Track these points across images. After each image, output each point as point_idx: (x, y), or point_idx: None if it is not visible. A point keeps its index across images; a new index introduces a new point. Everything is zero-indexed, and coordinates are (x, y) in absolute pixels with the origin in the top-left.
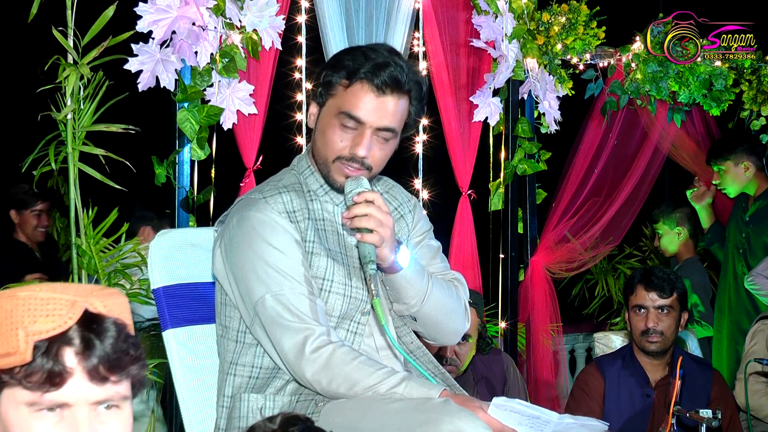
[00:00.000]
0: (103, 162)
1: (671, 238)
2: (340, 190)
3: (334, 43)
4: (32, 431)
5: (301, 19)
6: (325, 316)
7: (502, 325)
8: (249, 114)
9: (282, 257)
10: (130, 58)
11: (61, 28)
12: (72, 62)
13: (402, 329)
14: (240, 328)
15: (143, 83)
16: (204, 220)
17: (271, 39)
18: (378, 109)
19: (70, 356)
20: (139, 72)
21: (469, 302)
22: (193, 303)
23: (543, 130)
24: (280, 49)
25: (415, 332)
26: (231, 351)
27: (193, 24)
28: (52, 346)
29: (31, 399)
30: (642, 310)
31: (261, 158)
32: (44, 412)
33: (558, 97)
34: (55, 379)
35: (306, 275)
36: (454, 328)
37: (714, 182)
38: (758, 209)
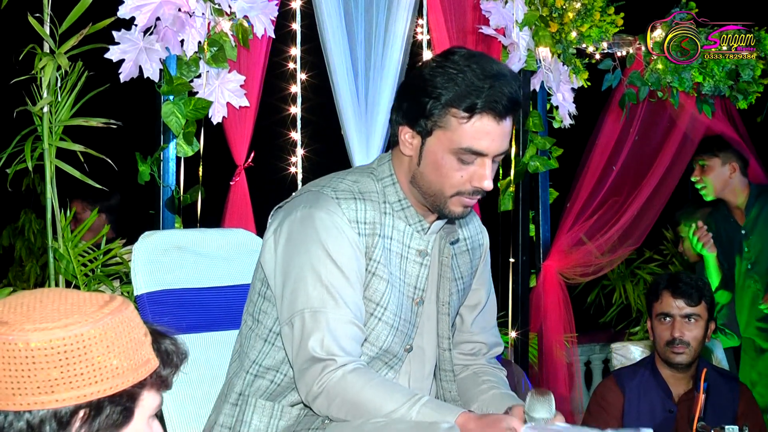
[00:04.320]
0: (82, 159)
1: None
2: (455, 219)
3: (332, 30)
4: None
5: (296, 4)
6: (359, 345)
7: (513, 334)
8: (240, 107)
9: (335, 272)
10: (111, 47)
11: (36, 15)
12: (48, 51)
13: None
14: (273, 328)
15: (125, 73)
16: (191, 221)
17: (263, 26)
18: (499, 135)
19: (169, 345)
20: (121, 61)
21: None
22: (180, 311)
23: (556, 125)
24: (273, 37)
25: None
26: (257, 350)
27: (179, 10)
28: (158, 342)
29: (157, 403)
30: (667, 319)
31: (252, 155)
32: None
33: (573, 88)
34: (179, 365)
35: (354, 297)
36: None
37: (693, 179)
38: (756, 215)
